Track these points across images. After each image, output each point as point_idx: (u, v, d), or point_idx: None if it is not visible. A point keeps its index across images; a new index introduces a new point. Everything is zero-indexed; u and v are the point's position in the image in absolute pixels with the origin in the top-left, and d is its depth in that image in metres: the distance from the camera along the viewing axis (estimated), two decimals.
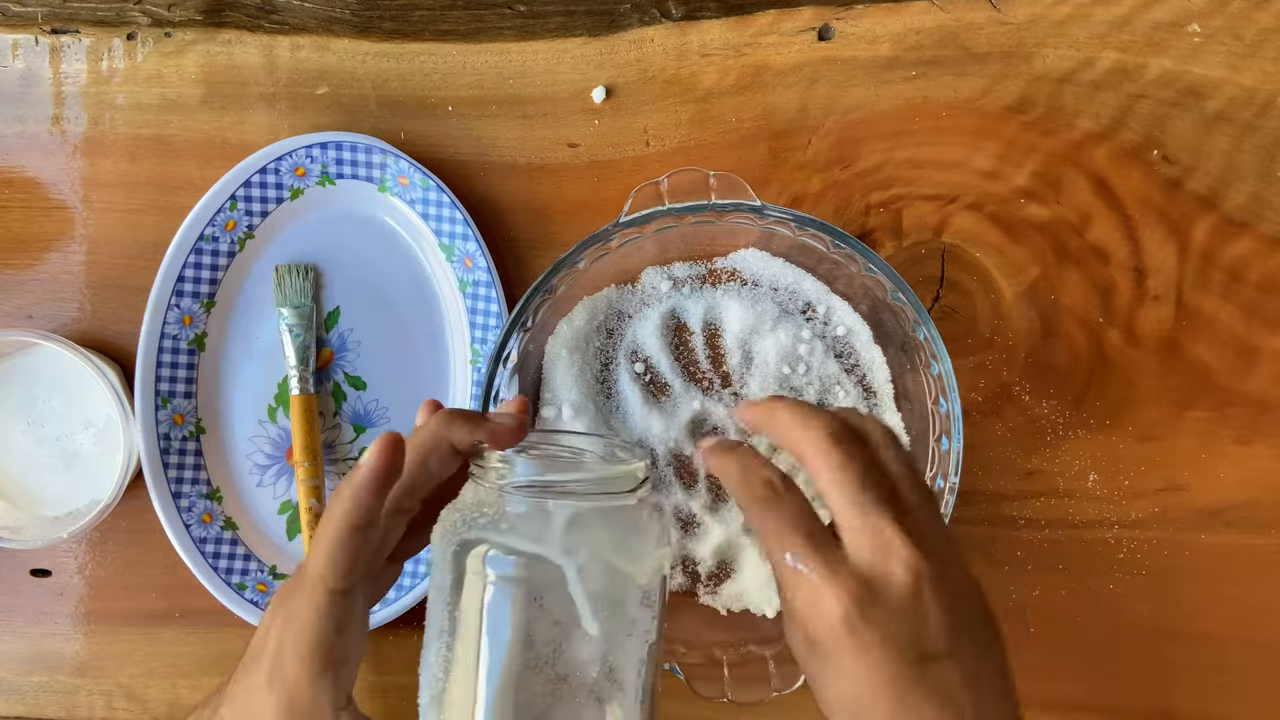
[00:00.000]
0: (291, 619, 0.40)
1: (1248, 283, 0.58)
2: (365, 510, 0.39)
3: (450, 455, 0.42)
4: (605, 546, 0.40)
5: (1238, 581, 0.58)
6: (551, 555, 0.39)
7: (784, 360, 0.55)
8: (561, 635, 0.39)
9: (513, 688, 0.39)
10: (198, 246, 0.57)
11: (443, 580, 0.40)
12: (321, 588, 0.39)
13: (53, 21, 0.59)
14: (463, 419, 0.42)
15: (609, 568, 0.40)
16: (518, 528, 0.39)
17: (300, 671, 0.39)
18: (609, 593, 0.39)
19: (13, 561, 0.60)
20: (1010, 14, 0.58)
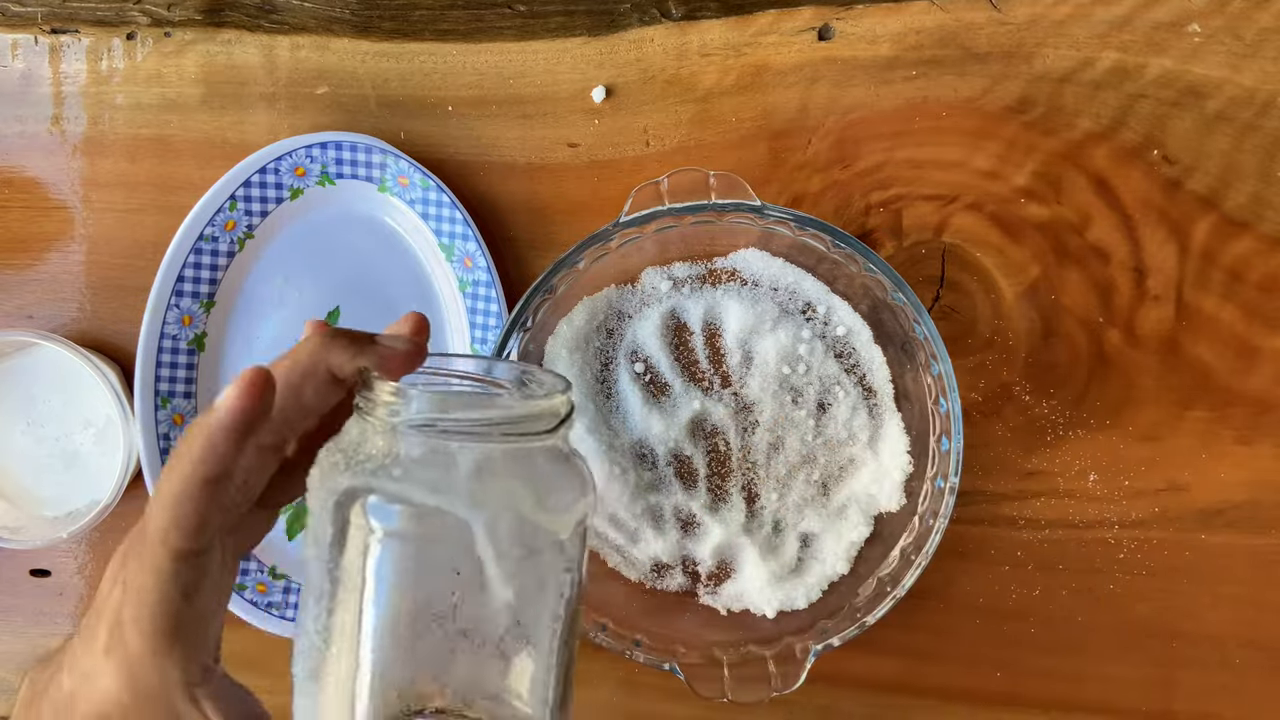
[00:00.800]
0: (129, 585, 0.34)
1: (1248, 283, 0.58)
2: (220, 459, 0.33)
3: (330, 383, 0.36)
4: (519, 497, 0.34)
5: (1238, 581, 0.58)
6: (455, 508, 0.33)
7: (784, 360, 0.55)
8: (463, 592, 0.34)
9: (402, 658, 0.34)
10: (197, 246, 0.57)
11: (321, 533, 0.35)
12: (164, 550, 0.33)
13: (52, 21, 0.59)
14: (346, 340, 0.36)
15: (523, 522, 0.34)
16: (413, 474, 0.34)
17: (141, 645, 0.33)
18: (522, 550, 0.34)
19: (13, 561, 0.60)
20: (1010, 14, 0.58)
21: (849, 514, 0.56)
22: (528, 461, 0.35)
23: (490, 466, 0.34)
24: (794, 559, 0.56)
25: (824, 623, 0.53)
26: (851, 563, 0.56)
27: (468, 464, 0.34)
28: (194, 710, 0.34)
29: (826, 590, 0.55)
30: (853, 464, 0.56)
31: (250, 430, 0.34)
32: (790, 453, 0.55)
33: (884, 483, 0.55)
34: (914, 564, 0.52)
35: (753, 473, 0.56)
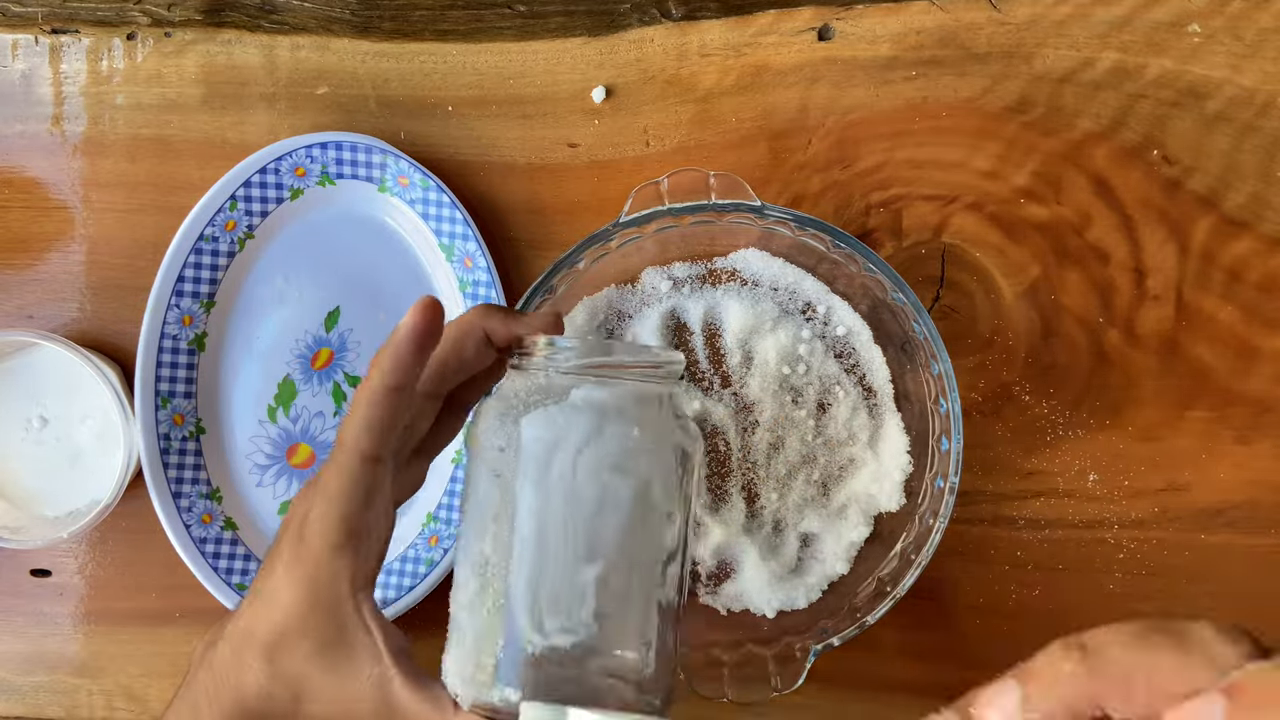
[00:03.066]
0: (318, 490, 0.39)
1: (1248, 283, 0.58)
2: (403, 370, 0.39)
3: (484, 345, 0.42)
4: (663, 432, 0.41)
5: (1238, 581, 0.58)
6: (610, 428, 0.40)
7: (784, 360, 0.55)
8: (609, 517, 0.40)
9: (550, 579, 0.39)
10: (198, 246, 0.57)
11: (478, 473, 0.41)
12: (355, 453, 0.38)
13: (53, 21, 0.59)
14: (501, 311, 0.43)
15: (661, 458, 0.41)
16: None
17: (323, 542, 0.38)
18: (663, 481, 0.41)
19: (13, 561, 0.60)
20: (1010, 14, 0.58)
21: (849, 514, 0.56)
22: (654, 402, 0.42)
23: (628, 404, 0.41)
24: (794, 559, 0.56)
25: (824, 623, 0.53)
26: (851, 563, 0.56)
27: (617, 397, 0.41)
28: (358, 616, 0.39)
29: (826, 590, 0.55)
30: (853, 464, 0.56)
31: (427, 344, 0.39)
32: (790, 453, 0.55)
33: (884, 483, 0.55)
34: (914, 564, 0.52)
35: (753, 473, 0.56)
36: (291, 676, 0.39)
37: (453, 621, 0.41)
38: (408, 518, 0.58)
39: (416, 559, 0.57)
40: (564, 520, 0.39)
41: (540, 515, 0.39)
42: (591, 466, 0.39)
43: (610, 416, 0.40)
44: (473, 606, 0.40)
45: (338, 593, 0.38)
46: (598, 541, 0.39)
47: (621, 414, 0.41)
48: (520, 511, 0.39)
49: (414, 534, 0.58)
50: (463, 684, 0.39)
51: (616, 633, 0.40)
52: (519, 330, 0.42)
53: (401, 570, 0.57)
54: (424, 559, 0.57)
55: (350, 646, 0.39)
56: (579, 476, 0.39)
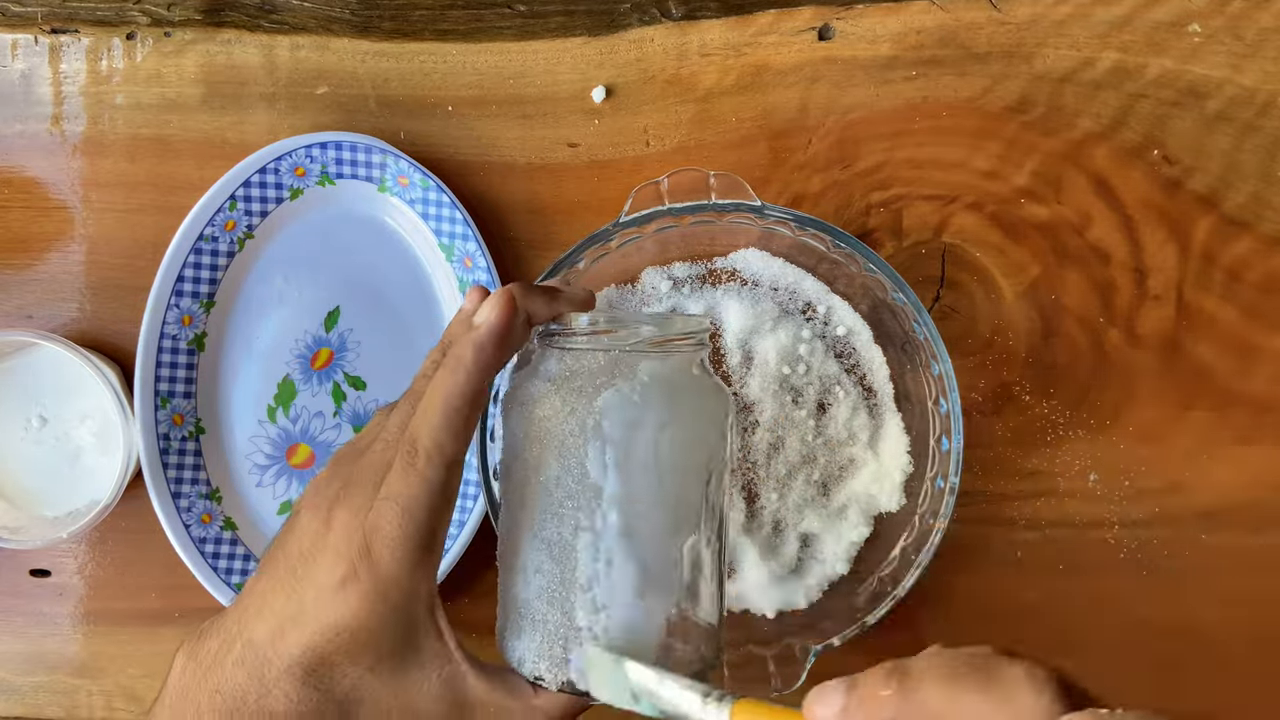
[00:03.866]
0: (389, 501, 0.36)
1: (1248, 283, 0.58)
2: (489, 367, 0.37)
3: (526, 326, 0.41)
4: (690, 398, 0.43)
5: (1238, 581, 0.58)
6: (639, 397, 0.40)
7: (784, 360, 0.55)
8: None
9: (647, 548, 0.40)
10: (197, 246, 0.57)
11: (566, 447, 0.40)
12: (438, 459, 0.36)
13: (52, 21, 0.59)
14: (540, 293, 0.42)
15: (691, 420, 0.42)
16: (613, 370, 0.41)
17: (401, 558, 0.36)
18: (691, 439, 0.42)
19: (13, 561, 0.60)
20: (1010, 14, 0.58)
21: (849, 514, 0.56)
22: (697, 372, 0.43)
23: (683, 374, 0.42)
24: (794, 559, 0.56)
25: (824, 623, 0.53)
26: (851, 563, 0.56)
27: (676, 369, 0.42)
28: (431, 622, 0.38)
29: (826, 590, 0.55)
30: (853, 464, 0.56)
31: (510, 342, 0.38)
32: (790, 453, 0.55)
33: (884, 483, 0.55)
34: (914, 564, 0.52)
35: (753, 473, 0.56)
36: (341, 692, 0.37)
37: (523, 605, 0.40)
38: None
39: None
40: (654, 501, 0.40)
41: (628, 500, 0.39)
42: (672, 444, 0.40)
43: (679, 391, 0.41)
44: (552, 593, 0.40)
45: (416, 605, 0.37)
46: (683, 516, 0.40)
47: (686, 388, 0.42)
48: (607, 496, 0.39)
49: None
50: (549, 668, 0.40)
51: (696, 599, 0.41)
52: (563, 310, 0.42)
53: None
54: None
55: (418, 652, 0.37)
56: (662, 455, 0.40)
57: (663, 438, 0.40)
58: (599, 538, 0.39)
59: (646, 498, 0.40)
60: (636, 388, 0.40)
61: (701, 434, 0.42)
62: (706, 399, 0.43)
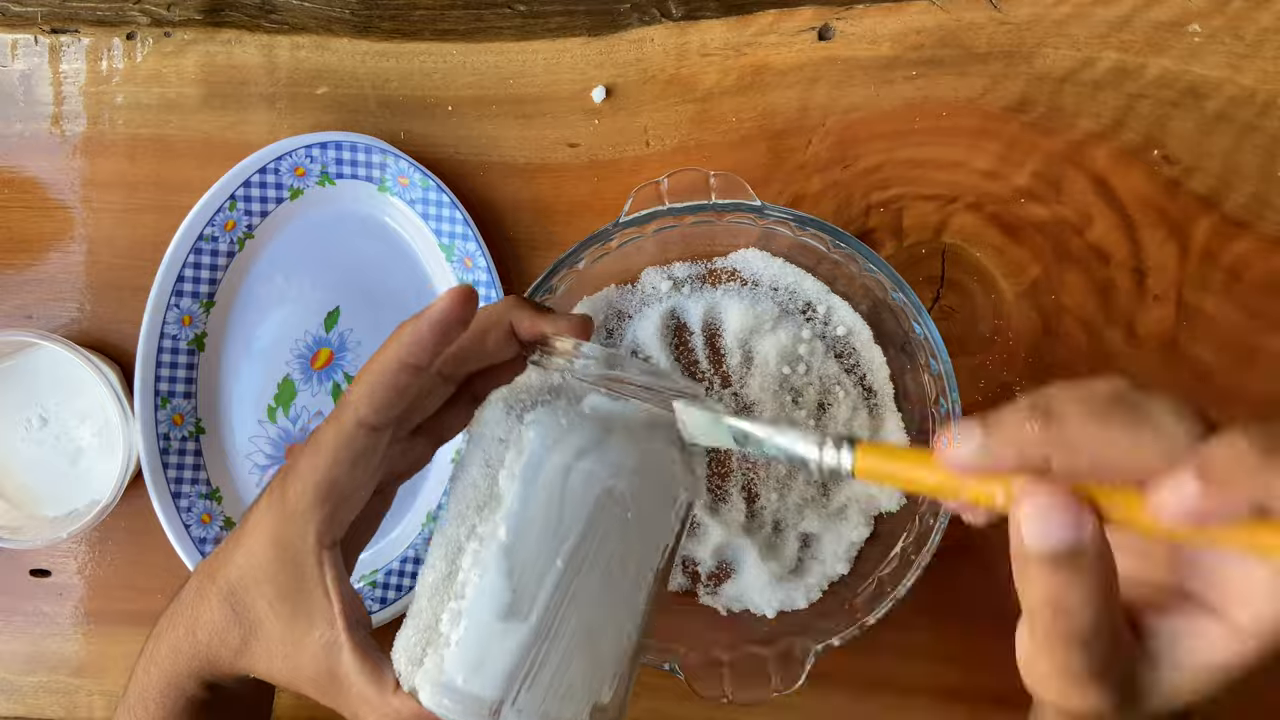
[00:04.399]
0: (309, 445, 0.39)
1: (1248, 283, 0.58)
2: (421, 349, 0.38)
3: (508, 337, 0.42)
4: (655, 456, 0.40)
5: None
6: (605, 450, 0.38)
7: (784, 360, 0.55)
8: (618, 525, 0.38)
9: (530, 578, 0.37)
10: (197, 246, 0.57)
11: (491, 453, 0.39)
12: (351, 416, 0.38)
13: (52, 21, 0.59)
14: (531, 306, 0.42)
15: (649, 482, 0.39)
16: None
17: (298, 496, 0.38)
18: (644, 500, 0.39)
19: (13, 562, 0.60)
20: (1010, 14, 0.58)
21: (849, 514, 0.56)
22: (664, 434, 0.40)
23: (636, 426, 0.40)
24: (794, 559, 0.56)
25: (824, 623, 0.53)
26: (851, 563, 0.56)
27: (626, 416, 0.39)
28: (318, 575, 0.39)
29: (826, 590, 0.55)
30: None
31: (452, 332, 0.39)
32: None
33: None
34: (914, 564, 0.52)
35: (753, 473, 0.56)
36: (248, 618, 0.40)
37: (415, 599, 0.40)
38: (408, 518, 0.58)
39: (417, 560, 0.57)
40: (544, 528, 0.37)
41: (521, 518, 0.38)
42: (584, 477, 0.38)
43: (616, 432, 0.39)
44: (435, 591, 0.39)
45: (303, 547, 0.39)
46: (573, 557, 0.37)
47: (629, 434, 0.39)
48: (503, 508, 0.38)
49: (414, 534, 0.58)
50: (407, 664, 0.38)
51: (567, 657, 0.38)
52: (545, 328, 0.42)
53: (401, 570, 0.57)
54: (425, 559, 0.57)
55: (308, 603, 0.39)
56: (569, 485, 0.38)
57: (575, 468, 0.38)
58: (483, 546, 0.38)
59: (539, 523, 0.37)
60: (570, 411, 0.39)
61: (630, 490, 0.38)
62: (654, 462, 0.39)
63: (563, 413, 0.39)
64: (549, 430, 0.38)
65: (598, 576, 0.38)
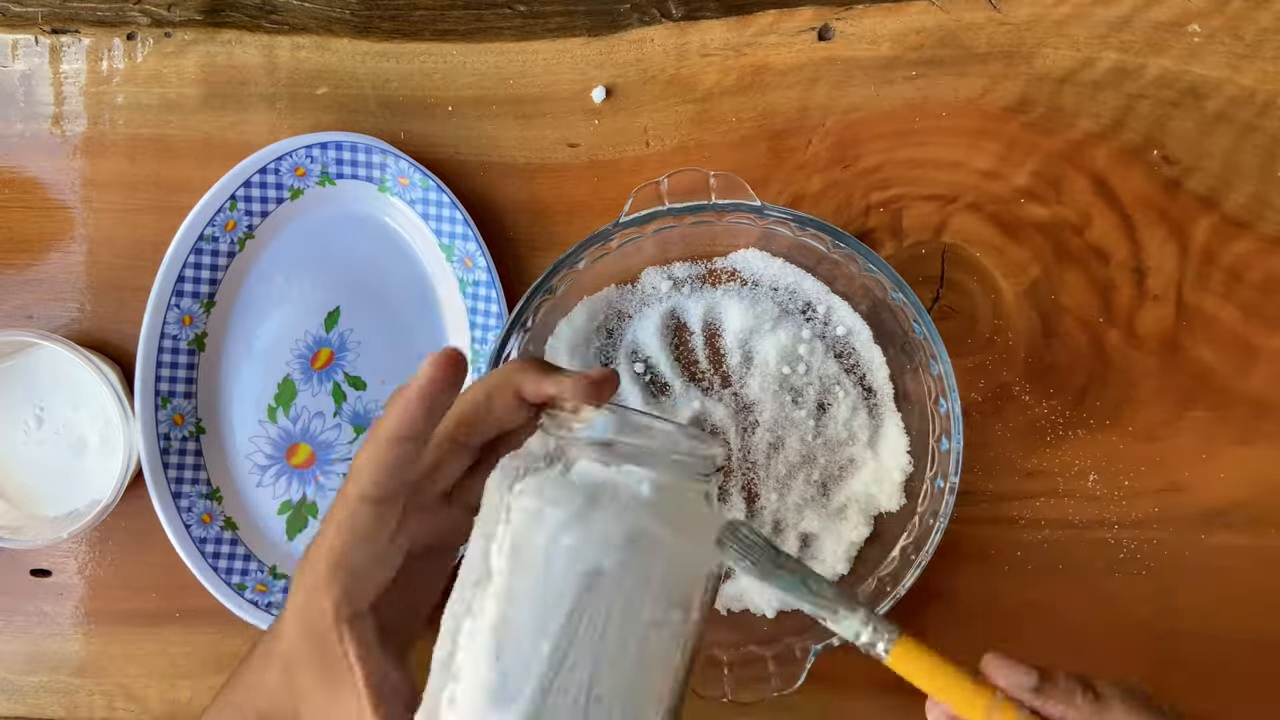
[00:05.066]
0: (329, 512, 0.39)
1: (1248, 283, 0.58)
2: (409, 421, 0.38)
3: (516, 401, 0.41)
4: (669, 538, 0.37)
5: (1238, 581, 0.58)
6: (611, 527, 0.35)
7: (784, 360, 0.55)
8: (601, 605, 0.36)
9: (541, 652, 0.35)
10: (198, 246, 0.57)
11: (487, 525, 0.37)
12: (353, 490, 0.38)
13: (53, 21, 0.59)
14: (536, 368, 0.41)
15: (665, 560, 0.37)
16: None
17: (314, 570, 0.39)
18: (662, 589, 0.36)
19: (13, 562, 0.60)
20: (1010, 14, 0.58)
21: (849, 514, 0.56)
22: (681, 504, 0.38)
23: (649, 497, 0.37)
24: None
25: None
26: (851, 563, 0.56)
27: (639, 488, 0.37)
28: (339, 644, 0.38)
29: None
30: (853, 464, 0.56)
31: (439, 399, 0.38)
32: (790, 453, 0.55)
33: (884, 483, 0.55)
34: (914, 564, 0.52)
35: (752, 473, 0.56)
36: (298, 689, 0.40)
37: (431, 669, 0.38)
38: None
39: None
40: (530, 607, 0.35)
41: (507, 596, 0.35)
42: (567, 555, 0.35)
43: (604, 504, 0.36)
44: (442, 668, 0.37)
45: (323, 621, 0.38)
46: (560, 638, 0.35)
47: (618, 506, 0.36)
48: (491, 586, 0.36)
49: None
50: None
51: None
52: (549, 390, 0.40)
53: None
54: None
55: (339, 676, 0.38)
56: (552, 563, 0.35)
57: (561, 542, 0.35)
58: (475, 625, 0.36)
59: (525, 602, 0.35)
60: (558, 482, 0.37)
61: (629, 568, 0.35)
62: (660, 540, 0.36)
63: (551, 483, 0.37)
64: (532, 501, 0.36)
65: (590, 669, 0.35)
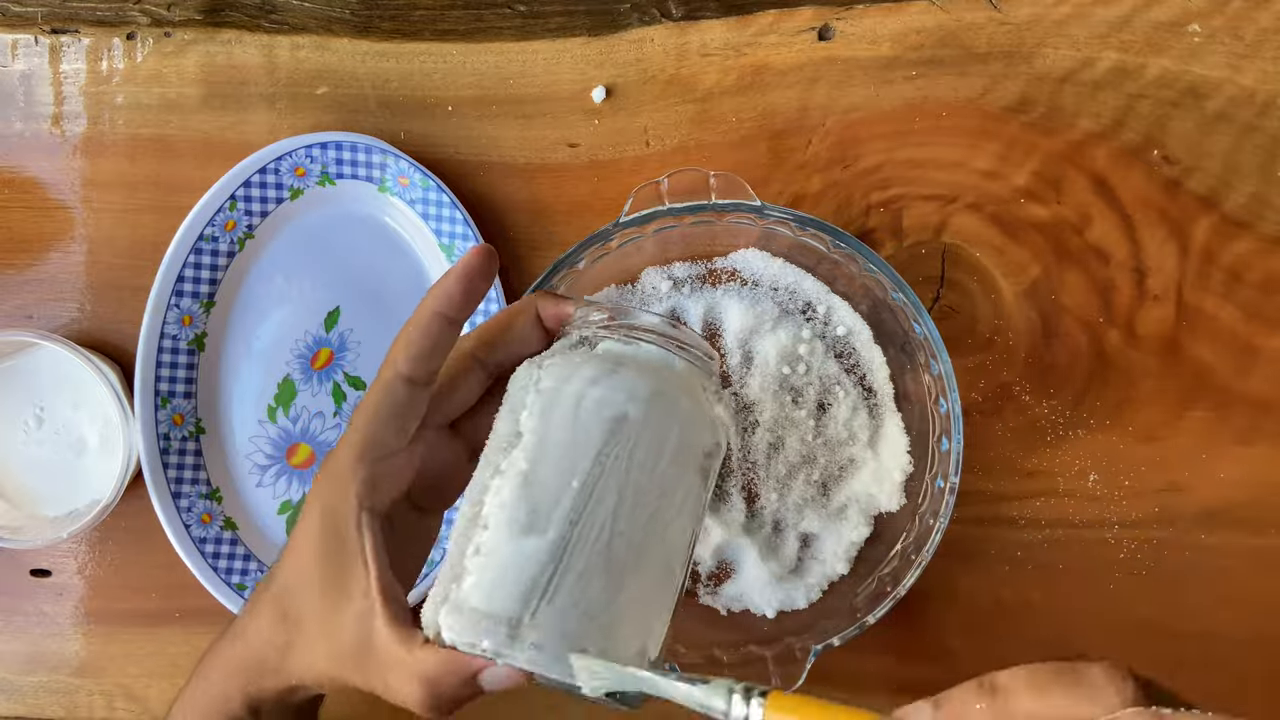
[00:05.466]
0: (354, 413, 0.40)
1: (1248, 283, 0.58)
2: (450, 299, 0.40)
3: (534, 326, 0.43)
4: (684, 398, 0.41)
5: (1238, 581, 0.58)
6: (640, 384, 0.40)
7: (784, 360, 0.55)
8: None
9: None
10: (197, 246, 0.57)
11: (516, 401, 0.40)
12: (390, 370, 0.40)
13: (52, 21, 0.59)
14: (554, 295, 0.44)
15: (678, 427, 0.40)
16: None
17: (339, 459, 0.39)
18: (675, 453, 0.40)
19: (13, 561, 0.60)
20: (1010, 14, 0.58)
21: (849, 514, 0.56)
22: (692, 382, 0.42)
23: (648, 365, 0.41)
24: (794, 559, 0.56)
25: (824, 623, 0.53)
26: (851, 563, 0.56)
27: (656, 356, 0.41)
28: (356, 535, 0.38)
29: (826, 590, 0.55)
30: (853, 464, 0.56)
31: (478, 283, 0.41)
32: (790, 453, 0.55)
33: (884, 483, 0.55)
34: (914, 564, 0.52)
35: (753, 473, 0.56)
36: (294, 615, 0.40)
37: (445, 548, 0.40)
38: None
39: None
40: (560, 452, 0.38)
41: (538, 446, 0.38)
42: (596, 402, 0.39)
43: (628, 365, 0.40)
44: (461, 534, 0.38)
45: (344, 509, 0.39)
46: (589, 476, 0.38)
47: (640, 368, 0.40)
48: (522, 442, 0.39)
49: None
50: (432, 609, 0.38)
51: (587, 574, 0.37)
52: (568, 310, 0.43)
53: None
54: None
55: (347, 576, 0.38)
56: (582, 409, 0.38)
57: (590, 393, 0.39)
58: (504, 480, 0.38)
59: (556, 447, 0.38)
60: (585, 353, 0.41)
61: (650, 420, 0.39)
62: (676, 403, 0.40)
63: (579, 354, 0.41)
64: (564, 367, 0.40)
65: (615, 502, 0.38)
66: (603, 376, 0.39)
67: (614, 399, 0.39)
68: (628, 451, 0.38)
